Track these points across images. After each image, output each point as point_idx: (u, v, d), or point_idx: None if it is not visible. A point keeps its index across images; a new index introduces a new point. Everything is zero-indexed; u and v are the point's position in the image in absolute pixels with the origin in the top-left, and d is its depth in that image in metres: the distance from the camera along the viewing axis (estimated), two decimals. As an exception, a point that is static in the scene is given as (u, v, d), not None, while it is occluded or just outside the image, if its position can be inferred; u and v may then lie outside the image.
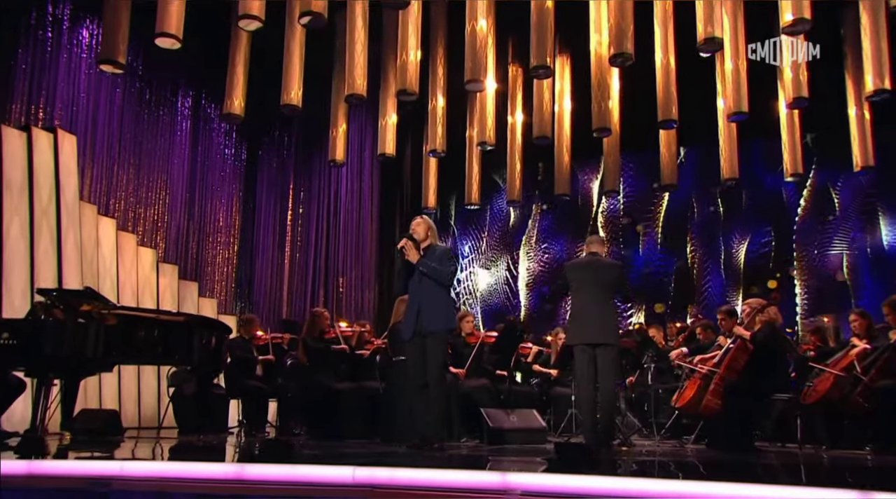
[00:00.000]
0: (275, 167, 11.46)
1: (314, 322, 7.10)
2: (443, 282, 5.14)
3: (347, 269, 11.02)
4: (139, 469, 3.37)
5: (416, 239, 5.22)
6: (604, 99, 8.44)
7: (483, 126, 9.08)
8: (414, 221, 5.40)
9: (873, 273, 10.29)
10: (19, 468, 3.37)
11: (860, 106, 8.27)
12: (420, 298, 5.09)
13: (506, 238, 12.73)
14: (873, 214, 10.54)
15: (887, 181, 10.07)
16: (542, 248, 12.32)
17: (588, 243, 5.78)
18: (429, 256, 5.17)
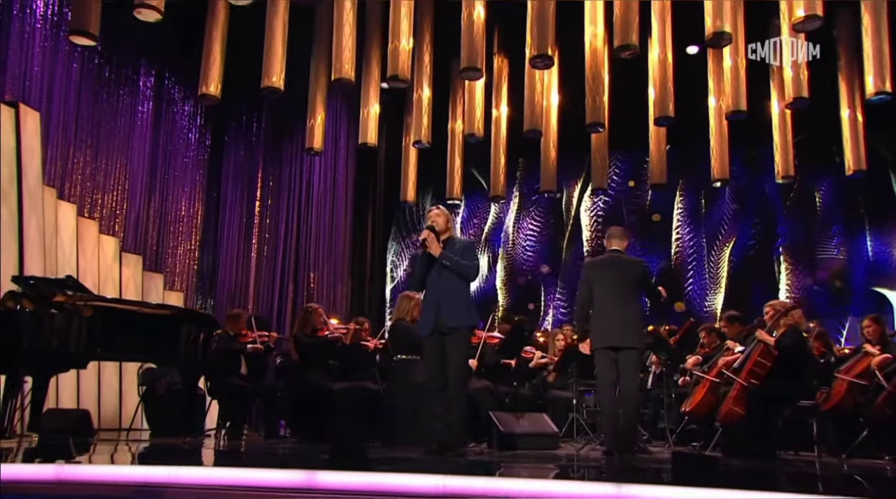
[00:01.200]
0: (242, 154, 11.06)
1: (307, 318, 6.85)
2: (467, 276, 4.99)
3: (319, 263, 10.70)
4: (195, 476, 3.14)
5: (436, 231, 5.02)
6: (598, 93, 8.35)
7: (471, 118, 8.88)
8: (432, 211, 5.21)
9: (856, 278, 10.48)
10: (46, 473, 3.11)
11: (853, 108, 8.35)
12: (440, 294, 4.91)
13: (482, 235, 12.55)
14: (858, 220, 10.72)
15: (871, 186, 10.23)
16: (521, 245, 12.20)
17: (608, 238, 5.60)
18: (449, 248, 5.00)
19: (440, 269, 4.94)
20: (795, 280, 10.60)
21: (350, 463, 3.41)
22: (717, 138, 8.79)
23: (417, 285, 5.17)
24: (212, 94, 7.83)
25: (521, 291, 12.05)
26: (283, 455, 4.99)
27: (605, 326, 5.22)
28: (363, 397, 6.49)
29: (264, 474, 3.16)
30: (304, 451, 5.44)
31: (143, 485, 3.14)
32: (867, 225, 10.51)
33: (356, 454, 3.61)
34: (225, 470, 3.25)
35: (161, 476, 3.15)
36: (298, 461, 4.37)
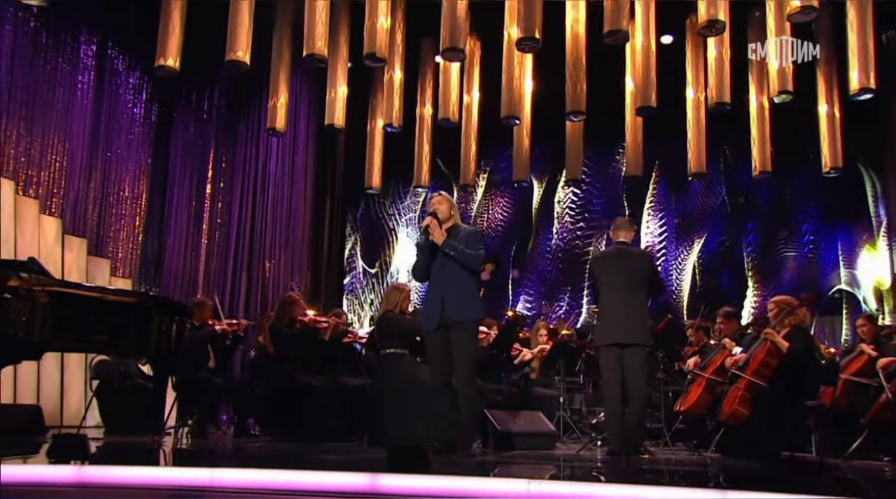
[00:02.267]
0: (192, 132, 10.55)
1: (285, 308, 6.56)
2: (472, 267, 4.82)
3: (275, 252, 10.29)
4: (240, 479, 2.94)
5: (439, 218, 4.84)
6: (579, 80, 8.24)
7: (446, 102, 8.64)
8: (434, 197, 5.03)
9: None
10: (65, 475, 2.96)
11: (831, 104, 8.45)
12: (445, 286, 4.74)
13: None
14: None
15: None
16: (489, 236, 12.04)
17: (615, 229, 5.50)
18: (453, 237, 4.81)
19: (444, 259, 4.77)
20: (761, 278, 10.76)
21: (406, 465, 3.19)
22: (694, 131, 8.77)
23: (421, 276, 4.96)
24: (170, 67, 7.42)
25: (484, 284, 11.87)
26: (310, 456, 4.82)
27: (610, 323, 5.16)
28: (345, 393, 6.24)
29: (321, 477, 2.99)
30: (319, 450, 5.29)
31: (180, 489, 2.97)
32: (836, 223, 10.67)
33: (412, 456, 3.38)
34: (275, 472, 3.07)
35: (200, 479, 3.00)
36: (347, 464, 4.22)
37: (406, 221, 12.41)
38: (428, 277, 4.88)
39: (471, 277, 4.82)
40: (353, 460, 4.50)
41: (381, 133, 9.69)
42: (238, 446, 5.83)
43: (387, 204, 12.39)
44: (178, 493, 2.94)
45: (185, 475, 3.07)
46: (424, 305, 4.97)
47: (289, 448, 5.39)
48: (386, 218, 12.44)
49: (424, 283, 5.03)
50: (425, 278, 4.92)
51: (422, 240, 4.92)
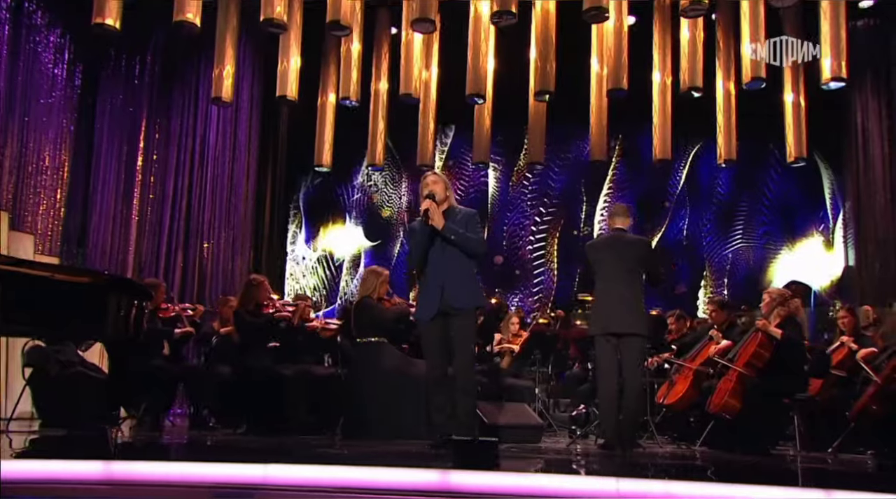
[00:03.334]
0: (121, 99, 9.89)
1: (250, 292, 6.23)
2: (475, 251, 4.69)
3: (214, 231, 9.79)
4: (296, 477, 2.77)
5: (436, 200, 4.64)
6: (549, 59, 8.08)
7: (408, 77, 8.32)
8: (428, 177, 4.80)
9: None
10: (90, 471, 2.73)
11: (797, 93, 8.54)
12: (444, 272, 4.56)
13: (395, 207, 12.01)
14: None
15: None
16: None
17: (611, 216, 5.41)
18: (450, 219, 4.63)
19: (444, 244, 4.58)
20: (713, 269, 10.93)
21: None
22: (660, 116, 8.73)
23: (419, 264, 4.73)
24: (110, 26, 6.87)
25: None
26: (317, 451, 4.55)
27: (606, 311, 5.08)
28: (314, 383, 6.02)
29: (386, 473, 2.85)
30: (309, 444, 5.10)
31: (228, 486, 2.78)
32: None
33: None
34: (333, 469, 2.95)
35: (252, 476, 2.85)
36: (395, 459, 4.11)
37: (353, 203, 12.03)
38: (425, 264, 4.67)
39: (470, 262, 4.67)
40: (394, 455, 4.37)
41: (332, 107, 9.31)
42: (218, 439, 5.60)
43: (334, 183, 11.96)
44: (224, 491, 2.75)
45: (232, 472, 2.90)
46: (420, 293, 4.77)
47: (273, 442, 5.15)
48: (332, 198, 12.02)
49: (421, 270, 4.76)
50: (423, 266, 4.70)
51: (418, 225, 4.71)
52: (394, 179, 11.97)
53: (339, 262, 11.87)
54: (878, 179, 9.31)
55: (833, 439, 5.68)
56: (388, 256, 11.74)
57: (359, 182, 12.03)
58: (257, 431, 5.76)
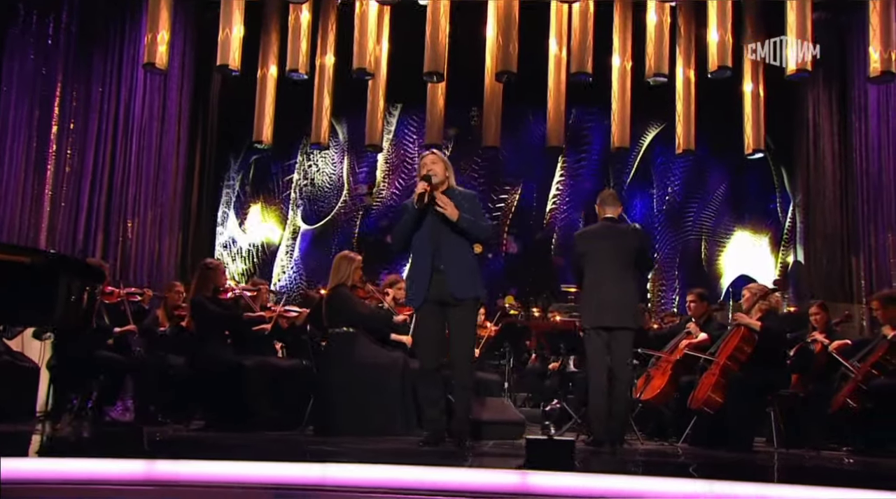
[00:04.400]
0: (32, 61, 9.14)
1: (207, 277, 5.88)
2: (484, 237, 4.66)
3: (139, 209, 9.19)
4: (358, 477, 2.68)
5: (433, 182, 4.46)
6: (511, 38, 7.93)
7: (361, 51, 7.99)
8: (427, 157, 4.62)
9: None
10: (130, 471, 2.66)
11: (756, 83, 8.65)
12: (443, 258, 4.40)
13: (336, 189, 11.60)
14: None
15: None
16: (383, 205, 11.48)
17: (601, 203, 5.27)
18: (453, 202, 4.44)
19: (440, 227, 4.40)
20: (663, 261, 11.03)
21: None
22: (619, 103, 8.69)
23: (403, 245, 4.55)
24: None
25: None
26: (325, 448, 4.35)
27: (598, 304, 4.99)
28: (277, 375, 5.76)
29: (455, 474, 2.81)
30: (302, 442, 4.95)
31: (284, 487, 2.71)
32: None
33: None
34: (397, 469, 2.85)
35: (310, 476, 2.75)
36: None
37: (286, 183, 11.57)
38: (408, 245, 4.52)
39: (472, 250, 4.53)
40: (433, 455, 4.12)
41: (273, 80, 8.90)
42: (188, 435, 5.33)
43: (269, 162, 11.47)
44: (283, 492, 2.70)
45: (290, 472, 2.82)
46: (411, 277, 4.58)
47: (249, 438, 4.97)
48: (268, 178, 11.53)
49: (402, 253, 4.68)
50: (406, 248, 4.54)
51: (410, 205, 4.51)
52: (335, 159, 11.54)
53: (273, 247, 11.41)
54: (827, 175, 9.55)
55: (810, 435, 5.76)
56: (327, 242, 11.36)
57: (297, 162, 11.57)
58: (217, 426, 5.51)
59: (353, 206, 11.38)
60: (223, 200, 11.43)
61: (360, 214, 11.32)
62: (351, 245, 11.20)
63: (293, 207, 11.55)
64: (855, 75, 9.07)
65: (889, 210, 8.66)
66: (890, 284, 8.59)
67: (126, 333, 6.23)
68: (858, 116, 9.06)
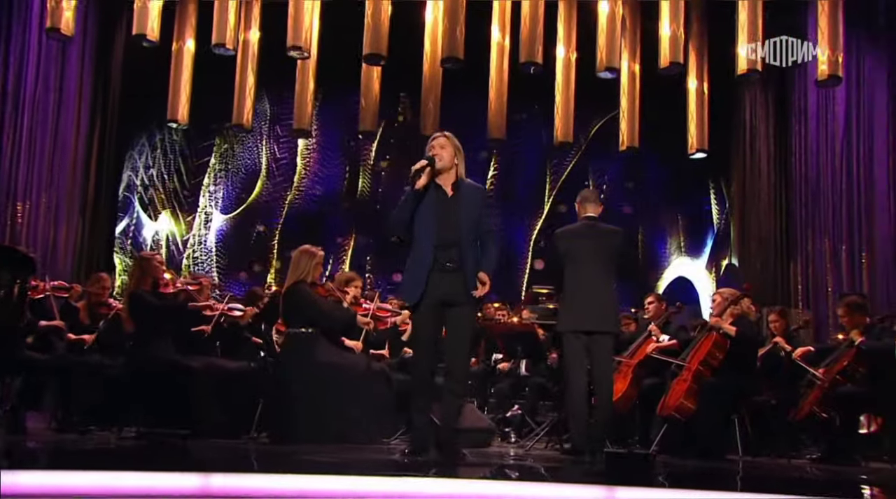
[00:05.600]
0: None
1: (146, 270, 5.50)
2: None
3: (31, 192, 8.42)
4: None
5: (436, 167, 4.21)
6: (459, 23, 7.72)
7: (297, 28, 7.56)
8: (437, 138, 4.33)
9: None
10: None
11: (700, 80, 8.72)
12: (454, 255, 4.18)
13: (252, 177, 11.04)
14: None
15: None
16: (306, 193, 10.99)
17: (581, 202, 5.19)
18: (463, 196, 4.25)
19: (452, 222, 4.19)
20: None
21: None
22: (563, 95, 8.58)
23: (398, 232, 4.27)
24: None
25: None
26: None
27: (578, 307, 4.95)
28: (226, 378, 5.48)
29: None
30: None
31: None
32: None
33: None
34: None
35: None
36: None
37: (200, 167, 10.93)
38: (405, 234, 4.25)
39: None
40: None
41: (190, 55, 8.37)
42: (130, 445, 4.99)
43: (180, 143, 10.80)
44: None
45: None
46: (408, 272, 4.31)
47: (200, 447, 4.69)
48: (179, 160, 10.85)
49: (397, 240, 4.33)
50: (402, 236, 4.27)
51: (410, 189, 4.25)
52: (255, 143, 10.97)
53: (182, 236, 10.76)
54: (763, 178, 9.77)
55: (776, 442, 5.87)
56: (243, 232, 10.81)
57: (214, 144, 10.94)
58: (156, 434, 5.16)
59: (274, 193, 10.86)
60: (125, 185, 10.69)
61: (287, 203, 10.82)
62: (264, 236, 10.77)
63: (205, 192, 10.91)
64: (795, 78, 9.30)
65: (826, 215, 8.94)
66: (826, 290, 8.90)
67: (49, 330, 5.76)
68: (798, 119, 9.31)
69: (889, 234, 8.60)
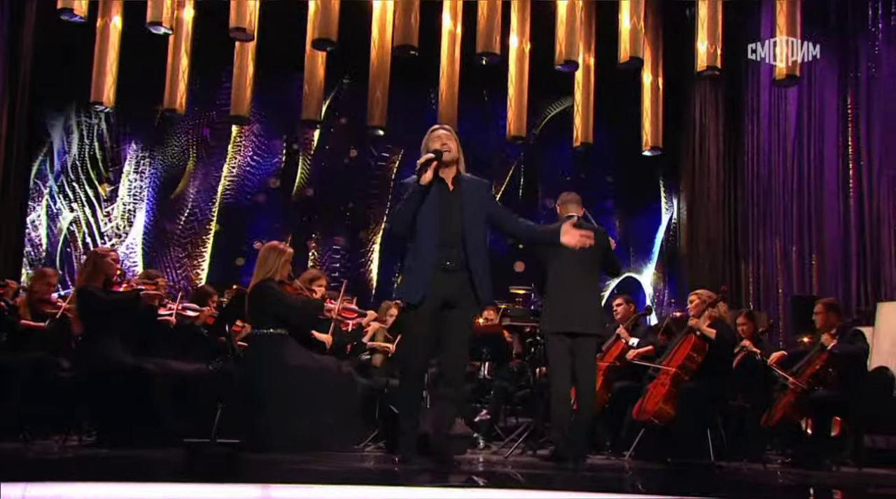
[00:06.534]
0: None
1: (99, 267, 5.20)
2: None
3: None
4: None
5: (442, 159, 4.10)
6: (413, 9, 7.54)
7: (241, 8, 7.20)
8: (439, 130, 4.26)
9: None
10: None
11: (656, 74, 8.73)
12: (462, 255, 4.12)
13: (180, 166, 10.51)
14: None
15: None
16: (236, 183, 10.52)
17: (563, 204, 5.27)
18: (466, 190, 4.20)
19: (462, 218, 4.13)
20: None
21: None
22: (516, 88, 8.47)
23: (402, 228, 4.18)
24: None
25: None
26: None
27: (562, 308, 4.97)
28: (184, 381, 5.23)
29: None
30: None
31: None
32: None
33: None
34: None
35: None
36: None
37: (122, 155, 10.33)
38: (409, 230, 4.16)
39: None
40: None
41: (117, 32, 7.91)
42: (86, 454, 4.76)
43: (100, 128, 10.18)
44: None
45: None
46: (409, 269, 4.20)
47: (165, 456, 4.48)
48: (98, 147, 10.22)
49: (402, 236, 4.26)
50: (406, 232, 4.18)
51: (412, 182, 4.14)
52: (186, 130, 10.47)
53: (100, 229, 10.16)
54: (712, 177, 9.86)
55: (750, 446, 5.93)
56: (171, 227, 10.30)
57: (140, 130, 10.37)
58: (111, 442, 4.92)
59: (206, 185, 10.38)
60: (36, 174, 10.05)
61: (219, 197, 10.36)
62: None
63: (125, 181, 10.32)
64: (748, 77, 9.40)
65: (777, 215, 9.09)
66: (777, 291, 9.05)
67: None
68: (751, 118, 9.42)
69: (838, 236, 8.80)
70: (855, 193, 8.72)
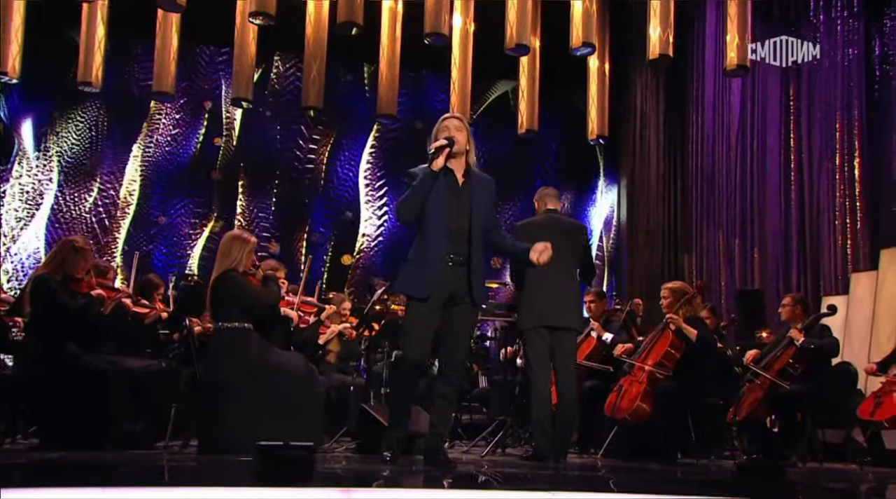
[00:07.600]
0: None
1: (66, 259, 4.93)
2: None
3: None
4: None
5: (453, 147, 4.04)
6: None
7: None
8: (450, 120, 4.16)
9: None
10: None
11: (603, 59, 8.67)
12: (466, 250, 4.10)
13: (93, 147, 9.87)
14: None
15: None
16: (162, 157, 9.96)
17: (541, 197, 5.31)
18: (474, 185, 4.15)
19: (458, 202, 4.07)
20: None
21: None
22: (460, 71, 8.28)
23: (410, 216, 4.08)
24: None
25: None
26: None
27: (542, 302, 5.01)
28: (131, 379, 4.98)
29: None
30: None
31: None
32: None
33: None
34: None
35: None
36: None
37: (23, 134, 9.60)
38: (416, 218, 4.09)
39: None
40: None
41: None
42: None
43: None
44: None
45: None
46: (414, 262, 4.12)
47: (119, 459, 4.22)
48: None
49: (409, 224, 4.16)
50: (413, 220, 4.10)
51: (420, 170, 4.07)
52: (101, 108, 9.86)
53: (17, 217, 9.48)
54: (652, 167, 9.96)
55: (720, 443, 6.08)
56: (78, 216, 9.67)
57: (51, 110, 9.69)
58: (56, 443, 4.64)
59: (118, 162, 9.82)
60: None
61: (137, 192, 9.82)
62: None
63: (24, 160, 9.63)
64: (693, 66, 9.46)
65: (721, 208, 9.20)
66: (720, 284, 9.17)
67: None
68: (695, 108, 9.49)
69: (779, 230, 8.98)
70: (796, 185, 8.91)
